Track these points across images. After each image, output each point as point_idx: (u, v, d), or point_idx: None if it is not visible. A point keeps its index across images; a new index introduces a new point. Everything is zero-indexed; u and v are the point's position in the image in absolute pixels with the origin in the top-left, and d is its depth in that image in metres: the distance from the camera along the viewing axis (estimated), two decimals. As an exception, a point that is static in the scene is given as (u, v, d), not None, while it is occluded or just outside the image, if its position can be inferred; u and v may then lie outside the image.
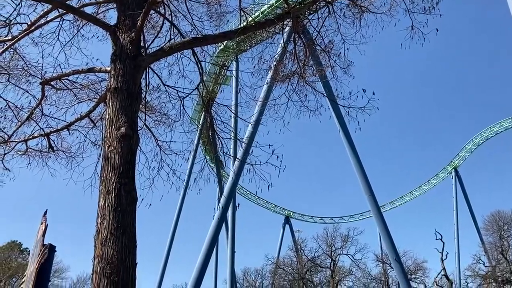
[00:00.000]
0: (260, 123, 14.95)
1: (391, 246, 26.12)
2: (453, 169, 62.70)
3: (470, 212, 60.50)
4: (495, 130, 59.47)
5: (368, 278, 52.25)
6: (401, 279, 25.94)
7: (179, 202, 44.47)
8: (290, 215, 74.20)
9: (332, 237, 57.06)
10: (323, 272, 56.95)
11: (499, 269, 44.77)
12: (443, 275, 40.29)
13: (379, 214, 26.58)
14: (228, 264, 35.27)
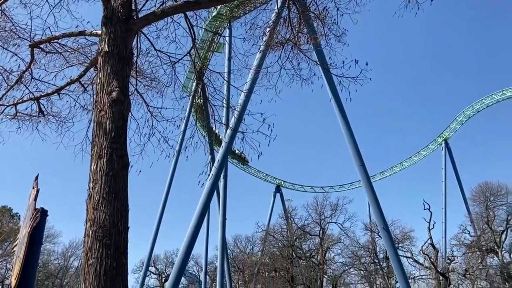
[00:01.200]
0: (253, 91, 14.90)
1: (380, 215, 26.53)
2: (443, 141, 63.21)
3: (458, 183, 61.42)
4: (486, 102, 59.69)
5: (356, 246, 53.27)
6: (388, 248, 26.50)
7: (171, 169, 44.61)
8: (281, 184, 74.92)
9: (322, 206, 57.92)
10: (312, 240, 58.02)
11: (483, 239, 45.83)
12: (430, 244, 41.16)
13: (369, 184, 26.87)
14: (219, 231, 35.74)
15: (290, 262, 54.23)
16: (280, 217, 63.90)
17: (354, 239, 54.48)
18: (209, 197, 18.94)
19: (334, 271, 55.15)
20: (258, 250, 66.99)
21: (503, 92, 57.70)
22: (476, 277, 41.63)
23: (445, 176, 60.71)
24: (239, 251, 69.44)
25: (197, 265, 73.71)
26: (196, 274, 75.69)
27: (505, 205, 46.80)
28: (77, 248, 63.25)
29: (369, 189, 26.28)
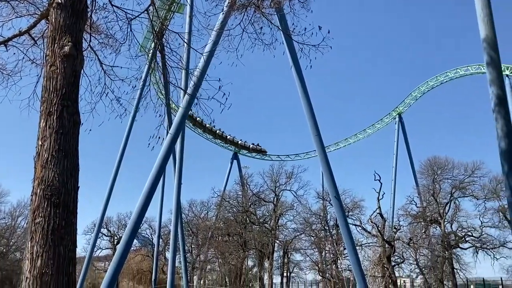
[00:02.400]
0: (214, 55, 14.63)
1: (332, 184, 27.15)
2: (398, 115, 65.10)
3: (409, 156, 63.83)
4: (440, 79, 61.56)
5: (308, 213, 54.73)
6: (339, 216, 27.32)
7: (126, 130, 43.58)
8: (238, 151, 75.22)
9: (277, 174, 58.86)
10: (266, 206, 59.11)
11: (429, 210, 48.12)
12: (378, 213, 42.71)
13: (324, 154, 27.34)
14: (174, 195, 35.64)
15: (243, 227, 55.17)
16: (236, 183, 64.61)
17: (306, 206, 55.94)
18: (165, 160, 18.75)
19: (285, 237, 56.68)
20: (213, 215, 67.69)
21: (456, 70, 59.64)
22: (419, 246, 43.86)
23: (396, 149, 62.89)
24: (193, 215, 69.93)
25: (151, 228, 73.74)
26: (149, 237, 75.76)
27: (450, 178, 49.15)
28: (26, 207, 61.48)
29: (323, 159, 26.78)
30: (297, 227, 56.10)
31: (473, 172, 47.30)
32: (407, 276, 54.02)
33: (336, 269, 49.44)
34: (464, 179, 47.67)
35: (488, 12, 12.86)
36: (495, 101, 12.27)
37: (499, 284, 46.48)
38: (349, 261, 31.51)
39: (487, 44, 12.97)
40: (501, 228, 43.59)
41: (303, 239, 56.54)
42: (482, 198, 45.87)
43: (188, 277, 52.13)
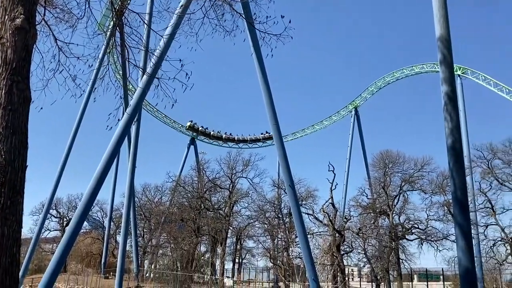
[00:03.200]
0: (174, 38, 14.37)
1: (288, 173, 27.52)
2: (354, 108, 66.59)
3: (362, 149, 65.58)
4: (396, 76, 63.33)
5: (263, 201, 55.30)
6: (292, 204, 27.76)
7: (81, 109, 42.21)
8: (196, 137, 74.67)
9: (234, 161, 58.98)
10: (222, 193, 59.23)
11: (378, 202, 49.69)
12: (330, 203, 43.64)
13: (281, 143, 27.62)
14: (128, 178, 35.04)
15: (198, 213, 55.05)
16: (192, 169, 64.24)
17: (261, 194, 56.48)
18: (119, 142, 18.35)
19: (239, 223, 57.11)
20: (167, 200, 67.12)
21: (412, 67, 61.48)
22: (368, 236, 45.26)
23: (351, 141, 64.47)
24: (147, 199, 69.00)
25: (102, 211, 72.18)
26: (100, 220, 74.26)
27: (400, 172, 50.82)
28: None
29: (280, 148, 27.06)
30: (251, 215, 56.67)
31: (422, 167, 49.11)
32: (355, 265, 55.75)
33: (287, 256, 50.35)
34: (413, 174, 49.40)
35: (443, 13, 13.27)
36: (446, 99, 12.74)
37: (440, 274, 48.83)
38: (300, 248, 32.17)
39: (441, 43, 13.42)
40: (445, 221, 45.62)
41: (257, 226, 57.21)
42: (429, 192, 47.74)
43: (139, 261, 51.61)
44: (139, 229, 63.77)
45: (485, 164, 47.64)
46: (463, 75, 53.40)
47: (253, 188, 58.03)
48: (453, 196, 12.31)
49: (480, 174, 47.74)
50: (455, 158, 12.56)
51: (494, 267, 43.63)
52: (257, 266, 63.44)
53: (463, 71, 53.48)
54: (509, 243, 42.64)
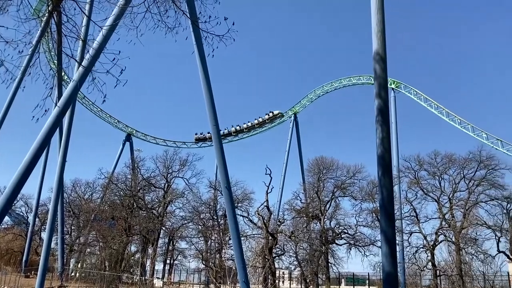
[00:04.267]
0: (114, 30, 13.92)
1: (225, 175, 27.44)
2: (293, 114, 67.96)
3: (299, 154, 67.01)
4: (335, 85, 65.53)
5: (198, 202, 54.85)
6: (228, 206, 27.72)
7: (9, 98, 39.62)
8: (132, 133, 72.88)
9: (171, 160, 58.02)
10: (156, 192, 58.10)
11: (312, 206, 50.85)
12: (265, 206, 44.13)
13: (219, 144, 27.51)
14: (57, 172, 33.38)
15: (130, 212, 53.61)
16: (127, 166, 62.43)
17: (197, 195, 56.00)
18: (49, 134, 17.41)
19: (173, 224, 56.23)
20: (98, 197, 64.83)
21: (350, 78, 63.80)
22: (300, 239, 46.25)
23: (289, 146, 65.68)
24: (76, 196, 66.22)
25: (27, 206, 68.32)
26: (24, 215, 70.24)
27: (333, 178, 52.32)
28: None
29: (218, 149, 26.95)
30: (186, 215, 55.98)
31: (354, 175, 50.89)
32: (286, 267, 56.74)
33: (220, 258, 50.27)
34: (345, 180, 51.08)
35: (381, 29, 13.84)
36: (378, 111, 13.25)
37: (366, 278, 50.85)
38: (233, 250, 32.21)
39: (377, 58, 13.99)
40: (373, 227, 47.55)
41: (190, 228, 56.59)
42: (360, 199, 49.57)
43: (65, 259, 49.31)
44: (67, 226, 61.07)
45: (412, 175, 50.23)
46: (397, 88, 56.17)
47: (189, 188, 57.44)
48: (380, 204, 12.81)
49: (407, 184, 50.30)
50: (384, 168, 13.10)
51: (415, 272, 46.11)
52: (188, 268, 62.78)
53: (397, 85, 56.26)
54: (429, 250, 45.18)
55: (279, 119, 70.56)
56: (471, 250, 44.68)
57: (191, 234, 56.67)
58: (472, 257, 44.74)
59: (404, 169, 50.31)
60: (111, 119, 71.17)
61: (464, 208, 46.19)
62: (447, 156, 49.54)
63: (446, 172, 49.24)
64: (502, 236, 45.26)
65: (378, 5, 13.42)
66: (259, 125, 71.81)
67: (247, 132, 73.31)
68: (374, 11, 13.44)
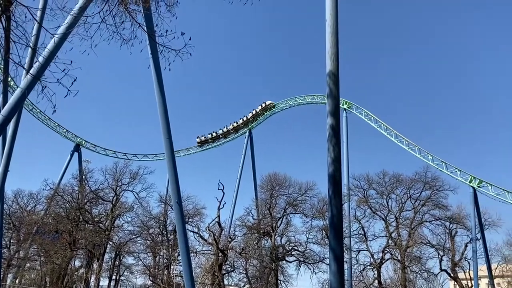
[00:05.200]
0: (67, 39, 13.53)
1: (176, 189, 26.95)
2: (248, 130, 68.27)
3: (253, 170, 67.05)
4: (289, 103, 66.62)
5: (148, 216, 53.66)
6: (178, 221, 27.19)
7: None
8: (81, 143, 70.62)
9: (121, 173, 56.62)
10: (104, 205, 56.35)
11: (263, 222, 50.88)
12: (217, 222, 43.80)
13: (172, 158, 27.05)
14: (-2, 183, 31.69)
15: (75, 225, 51.62)
16: (74, 177, 60.18)
17: (147, 209, 54.83)
18: (-8, 143, 16.64)
19: (120, 239, 54.58)
20: (42, 209, 62.01)
21: (304, 97, 65.04)
22: (250, 256, 46.09)
23: (243, 162, 65.60)
24: (18, 207, 62.99)
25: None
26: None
27: (285, 195, 52.66)
28: None
29: (171, 163, 26.50)
30: (134, 230, 54.58)
31: (306, 192, 51.46)
32: (236, 285, 56.22)
33: (168, 274, 49.19)
34: (297, 197, 51.55)
35: (335, 51, 14.23)
36: (330, 131, 13.53)
37: (315, 296, 51.26)
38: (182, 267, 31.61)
39: (330, 79, 14.34)
40: (322, 245, 48.12)
41: (139, 242, 55.19)
42: (310, 216, 50.12)
43: (1, 275, 46.55)
44: (5, 239, 57.80)
45: (361, 193, 51.58)
46: (349, 109, 57.77)
47: (139, 202, 56.16)
48: (330, 222, 13.00)
49: (356, 202, 51.58)
50: (334, 186, 13.34)
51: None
52: (135, 284, 60.92)
53: (349, 106, 57.87)
54: (376, 268, 46.29)
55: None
56: (416, 268, 46.23)
57: (139, 249, 55.27)
58: (416, 275, 46.31)
59: (354, 187, 51.61)
60: (59, 128, 68.72)
61: (410, 227, 47.84)
62: (394, 176, 51.39)
63: (394, 192, 50.99)
64: (444, 255, 47.18)
65: (332, 28, 13.81)
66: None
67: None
68: (329, 34, 13.82)
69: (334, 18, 13.85)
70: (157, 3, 9.28)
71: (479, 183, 47.68)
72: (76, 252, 51.52)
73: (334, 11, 13.91)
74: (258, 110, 69.07)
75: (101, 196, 55.20)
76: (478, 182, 47.74)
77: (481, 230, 48.55)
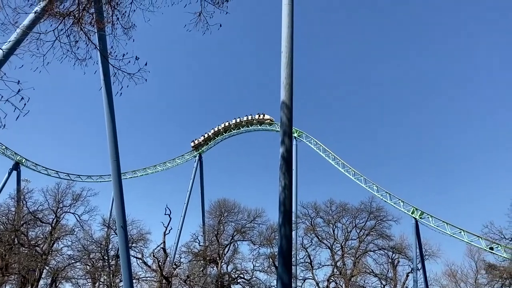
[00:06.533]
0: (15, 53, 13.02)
1: (121, 213, 26.08)
2: (198, 154, 67.72)
3: (201, 195, 66.23)
4: (242, 129, 66.99)
5: (89, 240, 51.41)
6: (121, 246, 26.26)
7: None
8: (21, 161, 67.34)
9: (63, 194, 54.15)
10: (43, 227, 53.48)
11: (210, 249, 50.12)
12: (162, 248, 42.77)
13: (118, 180, 26.26)
14: None
15: (9, 248, 48.53)
16: (11, 197, 56.91)
17: (89, 233, 52.61)
18: None
19: (58, 263, 51.80)
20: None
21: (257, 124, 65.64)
22: (195, 284, 45.06)
23: (191, 186, 64.75)
24: None
25: None
26: None
27: (234, 222, 52.40)
28: None
29: (117, 185, 25.70)
30: (74, 254, 51.97)
31: (255, 219, 51.42)
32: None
33: (108, 302, 47.10)
34: (245, 224, 51.39)
35: (289, 82, 14.53)
36: (282, 159, 13.70)
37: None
38: (124, 294, 30.35)
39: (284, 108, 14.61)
40: (269, 273, 47.95)
41: (78, 267, 52.56)
42: (258, 244, 49.99)
43: None
44: None
45: (308, 221, 52.12)
46: (299, 137, 58.87)
47: (81, 225, 53.75)
48: (279, 249, 13.01)
49: (304, 230, 52.03)
50: (284, 214, 13.42)
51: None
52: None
53: (299, 134, 59.00)
54: (321, 296, 46.54)
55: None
56: (359, 298, 46.85)
57: (78, 275, 52.62)
58: (360, 304, 46.88)
59: (302, 215, 52.11)
60: (0, 145, 65.38)
61: (355, 256, 48.66)
62: (341, 205, 52.46)
63: (340, 221, 51.93)
64: (387, 284, 48.23)
65: (288, 59, 14.15)
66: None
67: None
68: (284, 65, 14.12)
69: (289, 49, 14.20)
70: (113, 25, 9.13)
71: (420, 214, 49.50)
72: (8, 277, 48.27)
73: (289, 43, 14.28)
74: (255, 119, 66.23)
75: (39, 218, 52.41)
76: (420, 213, 49.56)
77: (421, 260, 50.16)
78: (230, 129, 67.41)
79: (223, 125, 67.77)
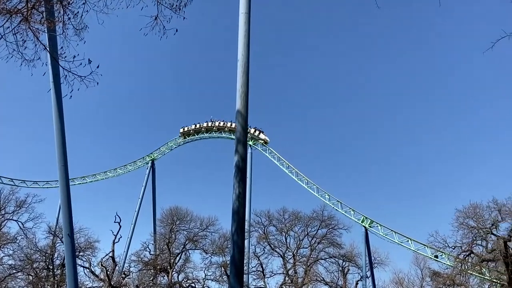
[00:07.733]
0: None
1: (68, 221, 25.06)
2: (151, 160, 66.42)
3: (153, 203, 64.76)
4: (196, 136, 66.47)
5: (33, 249, 49.13)
6: (67, 255, 25.16)
7: None
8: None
9: (5, 200, 51.66)
10: (-18, 236, 50.70)
11: (161, 258, 49.12)
12: (111, 257, 41.60)
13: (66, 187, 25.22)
14: None
15: None
16: None
17: (33, 241, 50.28)
18: None
19: (-2, 274, 49.15)
20: None
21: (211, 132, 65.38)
22: (144, 294, 44.10)
23: (143, 194, 63.25)
24: None
25: None
26: None
27: (186, 230, 51.69)
28: None
29: (64, 192, 24.69)
30: (16, 264, 49.43)
31: (207, 227, 50.96)
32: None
33: (52, 313, 45.11)
34: (198, 233, 50.81)
35: (245, 90, 14.57)
36: (236, 168, 13.67)
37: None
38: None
39: (239, 116, 14.61)
40: (220, 282, 47.55)
41: (20, 278, 50.01)
42: (210, 253, 49.52)
43: None
44: None
45: (261, 230, 52.25)
46: (254, 145, 59.11)
47: (24, 233, 51.32)
48: (231, 259, 12.93)
49: (257, 238, 52.09)
50: (238, 223, 13.36)
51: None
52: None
53: (254, 142, 59.26)
54: (272, 305, 46.65)
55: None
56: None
57: (20, 285, 50.10)
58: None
59: (255, 223, 52.21)
60: None
61: (306, 265, 49.19)
62: (294, 214, 53.00)
63: (292, 229, 52.41)
64: (337, 292, 48.99)
65: (244, 68, 14.18)
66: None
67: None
68: (240, 73, 14.15)
69: (245, 58, 14.24)
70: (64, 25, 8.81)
71: (370, 223, 50.76)
72: None
73: (246, 52, 14.33)
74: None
75: (-22, 226, 49.72)
76: (369, 222, 50.81)
77: (370, 268, 51.37)
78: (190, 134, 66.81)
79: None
